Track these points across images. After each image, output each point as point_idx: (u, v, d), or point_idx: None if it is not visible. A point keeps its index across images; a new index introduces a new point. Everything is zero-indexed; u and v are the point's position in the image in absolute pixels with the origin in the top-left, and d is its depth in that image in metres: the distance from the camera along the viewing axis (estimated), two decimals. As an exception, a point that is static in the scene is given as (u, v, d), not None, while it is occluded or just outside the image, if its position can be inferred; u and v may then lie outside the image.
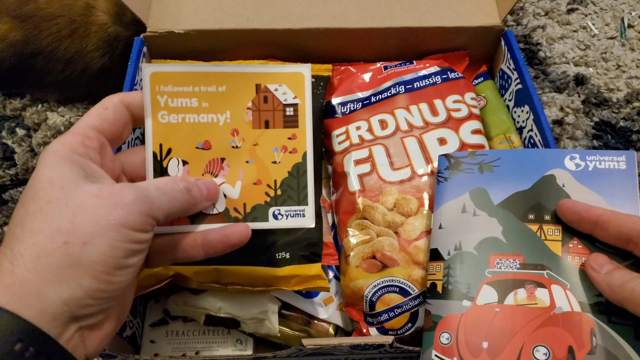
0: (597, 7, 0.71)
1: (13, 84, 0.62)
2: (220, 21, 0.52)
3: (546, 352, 0.32)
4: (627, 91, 0.63)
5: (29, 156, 0.58)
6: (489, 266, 0.36)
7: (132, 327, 0.43)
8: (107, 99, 0.32)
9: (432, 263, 0.38)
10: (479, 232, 0.37)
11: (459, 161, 0.41)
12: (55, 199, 0.26)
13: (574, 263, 0.35)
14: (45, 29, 0.55)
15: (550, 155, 0.38)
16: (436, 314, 0.36)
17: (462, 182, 0.40)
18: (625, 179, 0.36)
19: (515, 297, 0.35)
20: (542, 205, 0.37)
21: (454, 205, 0.39)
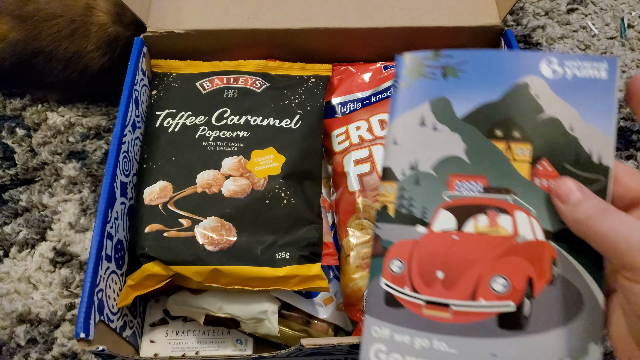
0: (597, 7, 0.71)
1: (13, 84, 0.62)
2: (220, 21, 0.52)
3: (505, 284, 0.31)
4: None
5: (29, 156, 0.58)
6: (447, 189, 0.33)
7: (132, 327, 0.43)
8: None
9: (384, 183, 0.34)
10: (439, 149, 0.34)
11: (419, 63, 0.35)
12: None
13: (542, 187, 0.32)
14: (45, 29, 0.55)
15: (525, 58, 0.34)
16: (386, 240, 0.33)
17: (422, 89, 0.35)
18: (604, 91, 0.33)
19: (475, 224, 0.32)
20: (511, 120, 0.33)
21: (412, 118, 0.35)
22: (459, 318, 0.31)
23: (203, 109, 0.48)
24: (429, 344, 0.31)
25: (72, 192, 0.56)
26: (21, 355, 0.47)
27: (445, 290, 0.32)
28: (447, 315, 0.31)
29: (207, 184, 0.43)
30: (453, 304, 0.31)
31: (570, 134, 0.33)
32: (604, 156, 0.32)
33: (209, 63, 0.52)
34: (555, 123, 0.33)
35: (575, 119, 0.33)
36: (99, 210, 0.39)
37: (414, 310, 0.32)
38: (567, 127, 0.33)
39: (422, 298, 0.32)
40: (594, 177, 0.32)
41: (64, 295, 0.50)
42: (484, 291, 0.31)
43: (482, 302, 0.31)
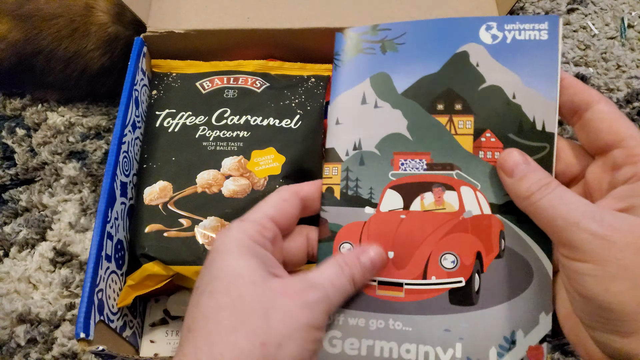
0: (597, 7, 0.71)
1: (13, 84, 0.62)
2: (220, 21, 0.52)
3: (454, 260, 0.31)
4: (627, 91, 0.63)
5: (28, 156, 0.58)
6: (392, 168, 0.33)
7: (132, 327, 0.43)
8: (285, 190, 0.32)
9: (328, 165, 0.34)
10: (382, 127, 0.33)
11: (358, 39, 0.34)
12: (247, 294, 0.26)
13: (486, 159, 0.32)
14: (45, 28, 0.55)
15: (464, 25, 0.33)
16: (334, 223, 0.33)
17: (361, 65, 0.34)
18: (545, 53, 0.31)
19: (422, 202, 0.32)
20: (452, 91, 0.32)
21: (353, 96, 0.34)
22: (412, 296, 0.31)
23: (203, 109, 0.48)
24: (384, 324, 0.31)
25: (72, 192, 0.56)
26: (21, 355, 0.47)
27: (397, 270, 0.32)
28: (401, 294, 0.31)
29: (207, 184, 0.43)
30: (406, 283, 0.31)
31: (513, 101, 0.32)
32: (547, 122, 0.31)
33: (209, 63, 0.52)
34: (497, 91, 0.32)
35: (517, 85, 0.32)
36: (99, 210, 0.39)
37: (368, 292, 0.32)
38: (509, 94, 0.32)
39: (375, 279, 0.32)
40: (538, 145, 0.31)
41: (64, 295, 0.50)
42: (435, 269, 0.31)
43: (434, 279, 0.31)
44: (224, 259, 0.28)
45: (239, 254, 0.27)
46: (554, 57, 0.31)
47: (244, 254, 0.27)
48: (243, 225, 0.29)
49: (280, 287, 0.27)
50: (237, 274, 0.27)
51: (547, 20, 0.32)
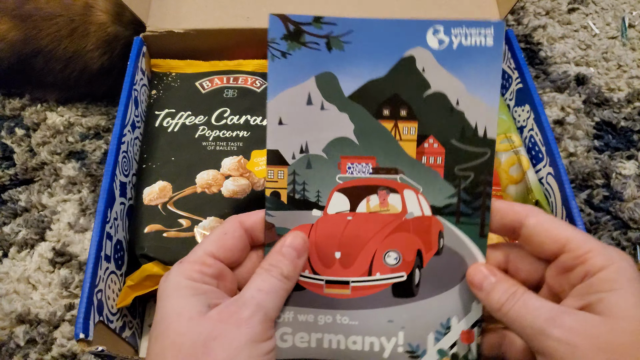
0: (598, 6, 0.71)
1: (12, 84, 0.62)
2: (220, 21, 0.52)
3: (396, 257, 0.33)
4: (628, 91, 0.63)
5: (28, 156, 0.58)
6: (339, 171, 0.33)
7: (132, 327, 0.43)
8: (228, 223, 0.32)
9: (272, 168, 0.33)
10: (328, 130, 0.33)
11: (300, 30, 0.32)
12: (186, 331, 0.27)
13: (428, 164, 0.33)
14: (44, 28, 0.55)
15: (411, 27, 0.32)
16: (282, 227, 0.33)
17: (305, 61, 0.32)
18: (490, 59, 0.32)
19: (367, 204, 0.33)
20: (398, 97, 0.33)
21: (297, 94, 0.33)
22: (357, 293, 0.33)
23: (203, 109, 0.48)
24: (332, 319, 0.33)
25: (71, 192, 0.56)
26: (20, 355, 0.47)
27: (344, 269, 0.33)
28: (347, 291, 0.33)
29: (207, 184, 0.43)
30: (352, 280, 0.33)
31: (456, 108, 0.33)
32: (489, 129, 0.32)
33: (208, 62, 0.52)
34: (441, 98, 0.33)
35: (461, 92, 0.32)
36: (98, 211, 0.39)
37: (316, 290, 0.33)
38: (452, 101, 0.33)
39: (322, 279, 0.33)
40: (480, 150, 0.33)
41: (63, 295, 0.49)
42: (379, 266, 0.33)
43: (378, 275, 0.33)
44: (165, 304, 0.29)
45: (177, 296, 0.29)
46: (497, 64, 0.32)
47: (182, 295, 0.28)
48: (181, 267, 0.30)
49: (216, 315, 0.28)
50: (175, 314, 0.28)
51: (492, 25, 0.32)
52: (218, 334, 0.27)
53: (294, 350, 0.33)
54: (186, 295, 0.28)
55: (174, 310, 0.28)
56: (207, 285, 0.30)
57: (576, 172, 0.56)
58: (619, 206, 0.54)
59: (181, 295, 0.29)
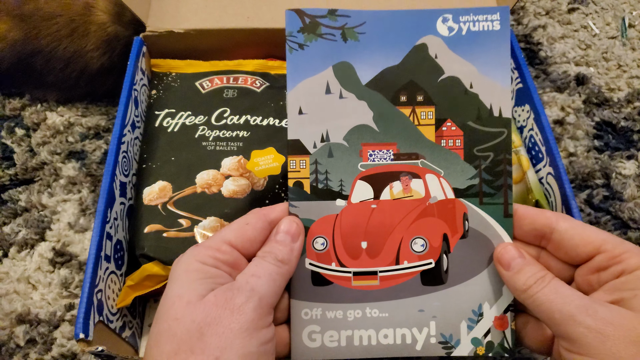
0: (598, 6, 0.71)
1: (12, 84, 0.62)
2: (220, 20, 0.52)
3: (423, 243, 0.33)
4: (628, 91, 0.63)
5: (28, 156, 0.58)
6: (361, 159, 0.34)
7: (132, 327, 0.43)
8: (251, 214, 0.32)
9: (294, 157, 0.33)
10: (348, 118, 0.34)
11: (315, 22, 0.34)
12: (182, 316, 0.27)
13: (448, 147, 0.34)
14: (44, 28, 0.55)
15: (421, 17, 0.34)
16: (306, 218, 0.33)
17: (322, 52, 0.34)
18: (498, 42, 0.34)
19: (391, 191, 0.34)
20: (414, 83, 0.34)
21: (316, 84, 0.34)
22: (386, 283, 0.33)
23: (203, 109, 0.48)
24: (362, 314, 0.32)
25: (71, 192, 0.56)
26: (20, 355, 0.47)
27: (371, 259, 0.33)
28: (375, 282, 0.33)
29: (207, 184, 0.43)
30: (380, 270, 0.33)
31: (470, 90, 0.34)
32: (504, 108, 0.33)
33: (208, 62, 0.52)
34: (455, 82, 0.34)
35: (473, 74, 0.34)
36: (98, 211, 0.39)
37: (344, 284, 0.33)
38: (466, 84, 0.34)
39: (350, 271, 0.33)
40: (496, 130, 0.34)
41: (63, 295, 0.49)
42: (406, 254, 0.33)
43: (406, 264, 0.33)
44: (170, 285, 0.29)
45: (184, 278, 0.28)
46: (506, 46, 0.33)
47: (189, 278, 0.28)
48: (195, 250, 0.30)
49: (212, 298, 0.27)
50: (176, 297, 0.28)
51: (498, 11, 0.34)
52: (212, 320, 0.27)
53: (323, 351, 0.32)
54: (193, 278, 0.28)
55: (175, 293, 0.28)
56: (217, 270, 0.29)
57: (576, 172, 0.56)
58: (619, 206, 0.54)
59: (188, 278, 0.28)
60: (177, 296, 0.28)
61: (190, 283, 0.28)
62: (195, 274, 0.28)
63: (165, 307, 0.28)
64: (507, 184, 0.33)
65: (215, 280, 0.29)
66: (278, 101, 0.49)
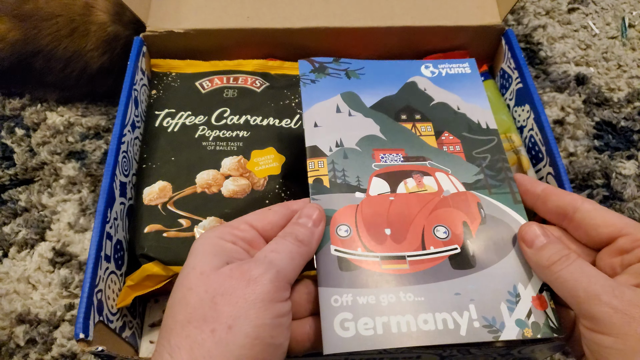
0: (598, 6, 0.71)
1: (12, 84, 0.62)
2: (220, 20, 0.52)
3: (445, 231, 0.34)
4: (628, 91, 0.63)
5: (28, 156, 0.58)
6: (374, 160, 0.37)
7: (132, 327, 0.43)
8: (278, 205, 0.33)
9: (313, 160, 0.37)
10: (358, 130, 0.38)
11: (324, 66, 0.42)
12: (195, 285, 0.27)
13: (450, 152, 0.38)
14: (44, 28, 0.55)
15: (408, 65, 0.43)
16: (328, 208, 0.34)
17: (331, 85, 0.40)
18: (472, 81, 0.42)
19: (406, 186, 0.36)
20: (411, 106, 0.40)
21: (327, 106, 0.40)
22: (416, 267, 0.33)
23: (203, 109, 0.48)
24: (396, 298, 0.31)
25: (71, 192, 0.56)
26: (20, 355, 0.47)
27: (397, 244, 0.34)
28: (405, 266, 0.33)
29: (207, 184, 0.43)
30: (408, 255, 0.33)
31: (459, 111, 0.41)
32: (489, 123, 0.40)
33: (208, 62, 0.52)
34: (445, 106, 0.41)
35: (459, 101, 0.41)
36: (98, 211, 0.39)
37: (372, 268, 0.32)
38: (454, 107, 0.41)
39: (377, 255, 0.33)
40: (487, 138, 0.39)
41: (63, 295, 0.49)
42: (431, 240, 0.34)
43: (432, 249, 0.34)
44: (187, 260, 0.29)
45: (200, 252, 0.29)
46: (479, 83, 0.42)
47: (204, 251, 0.29)
48: (216, 228, 0.31)
49: (227, 271, 0.28)
50: (190, 269, 0.28)
51: (467, 62, 0.43)
52: (225, 290, 0.27)
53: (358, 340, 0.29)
54: (209, 252, 0.29)
55: (190, 265, 0.28)
56: (234, 245, 0.30)
57: (576, 172, 0.56)
58: (619, 206, 0.54)
59: (204, 251, 0.29)
60: (192, 267, 0.28)
61: (205, 256, 0.28)
62: (212, 247, 0.29)
63: (180, 278, 0.28)
64: (509, 177, 0.37)
65: (231, 255, 0.29)
66: (278, 101, 0.49)
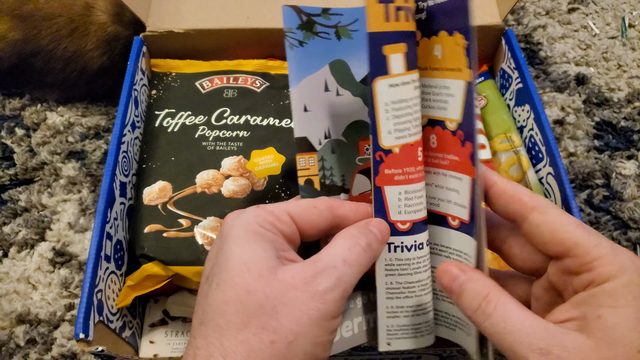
0: (598, 6, 0.71)
1: (12, 84, 0.62)
2: (220, 20, 0.52)
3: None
4: (628, 91, 0.63)
5: (28, 156, 0.58)
6: (359, 153, 0.34)
7: (132, 327, 0.43)
8: (321, 201, 0.30)
9: (303, 155, 0.33)
10: (345, 115, 0.34)
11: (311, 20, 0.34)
12: (254, 289, 0.25)
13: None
14: (44, 28, 0.55)
15: None
16: None
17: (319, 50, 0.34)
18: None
19: None
20: None
21: (315, 82, 0.34)
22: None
23: (203, 109, 0.48)
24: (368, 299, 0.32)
25: (71, 192, 0.56)
26: (20, 355, 0.47)
27: None
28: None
29: (207, 184, 0.43)
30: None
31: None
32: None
33: (208, 62, 0.52)
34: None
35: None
36: (98, 211, 0.39)
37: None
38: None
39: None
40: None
41: (63, 295, 0.49)
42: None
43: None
44: (230, 247, 0.26)
45: (245, 240, 0.26)
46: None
47: (250, 240, 0.26)
48: (256, 210, 0.28)
49: (289, 279, 0.25)
50: (244, 265, 0.26)
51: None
52: (288, 301, 0.25)
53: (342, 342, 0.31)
54: (255, 242, 0.26)
55: (241, 259, 0.26)
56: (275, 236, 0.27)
57: (576, 172, 0.56)
58: (619, 206, 0.54)
59: (249, 240, 0.26)
60: (245, 265, 0.26)
61: (254, 249, 0.26)
62: (255, 236, 0.26)
63: (230, 273, 0.26)
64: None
65: (276, 247, 0.27)
66: (278, 101, 0.49)
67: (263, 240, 0.27)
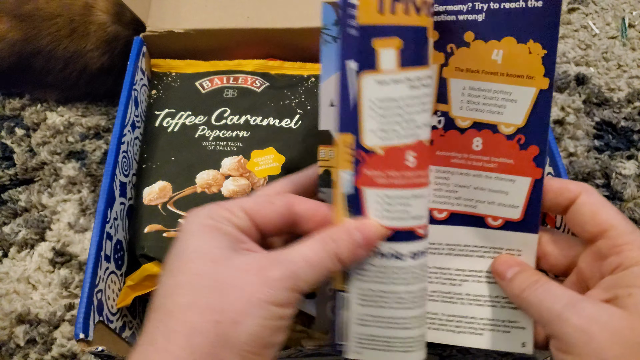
0: (598, 6, 0.71)
1: (12, 84, 0.62)
2: (220, 20, 0.52)
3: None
4: (628, 91, 0.63)
5: (28, 156, 0.58)
6: None
7: (132, 327, 0.43)
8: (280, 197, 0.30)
9: (324, 148, 0.33)
10: None
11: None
12: (205, 272, 0.26)
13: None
14: (44, 28, 0.55)
15: None
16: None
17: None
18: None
19: None
20: None
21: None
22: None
23: (203, 109, 0.48)
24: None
25: (71, 192, 0.56)
26: (20, 355, 0.47)
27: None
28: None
29: (207, 184, 0.43)
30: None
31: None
32: None
33: (208, 62, 0.52)
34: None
35: None
36: (98, 211, 0.39)
37: None
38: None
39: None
40: None
41: (63, 295, 0.49)
42: None
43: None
44: (187, 239, 0.27)
45: (201, 233, 0.27)
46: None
47: (206, 232, 0.27)
48: (212, 207, 0.28)
49: (242, 264, 0.26)
50: (197, 253, 0.26)
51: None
52: (238, 283, 0.25)
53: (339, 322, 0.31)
54: (211, 234, 0.27)
55: (195, 247, 0.27)
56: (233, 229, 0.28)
57: (576, 172, 0.56)
58: (619, 206, 0.54)
59: (205, 232, 0.27)
60: (199, 252, 0.26)
61: (209, 239, 0.27)
62: (212, 228, 0.27)
63: (183, 261, 0.26)
64: None
65: (231, 238, 0.27)
66: (278, 101, 0.49)
67: (219, 233, 0.27)
